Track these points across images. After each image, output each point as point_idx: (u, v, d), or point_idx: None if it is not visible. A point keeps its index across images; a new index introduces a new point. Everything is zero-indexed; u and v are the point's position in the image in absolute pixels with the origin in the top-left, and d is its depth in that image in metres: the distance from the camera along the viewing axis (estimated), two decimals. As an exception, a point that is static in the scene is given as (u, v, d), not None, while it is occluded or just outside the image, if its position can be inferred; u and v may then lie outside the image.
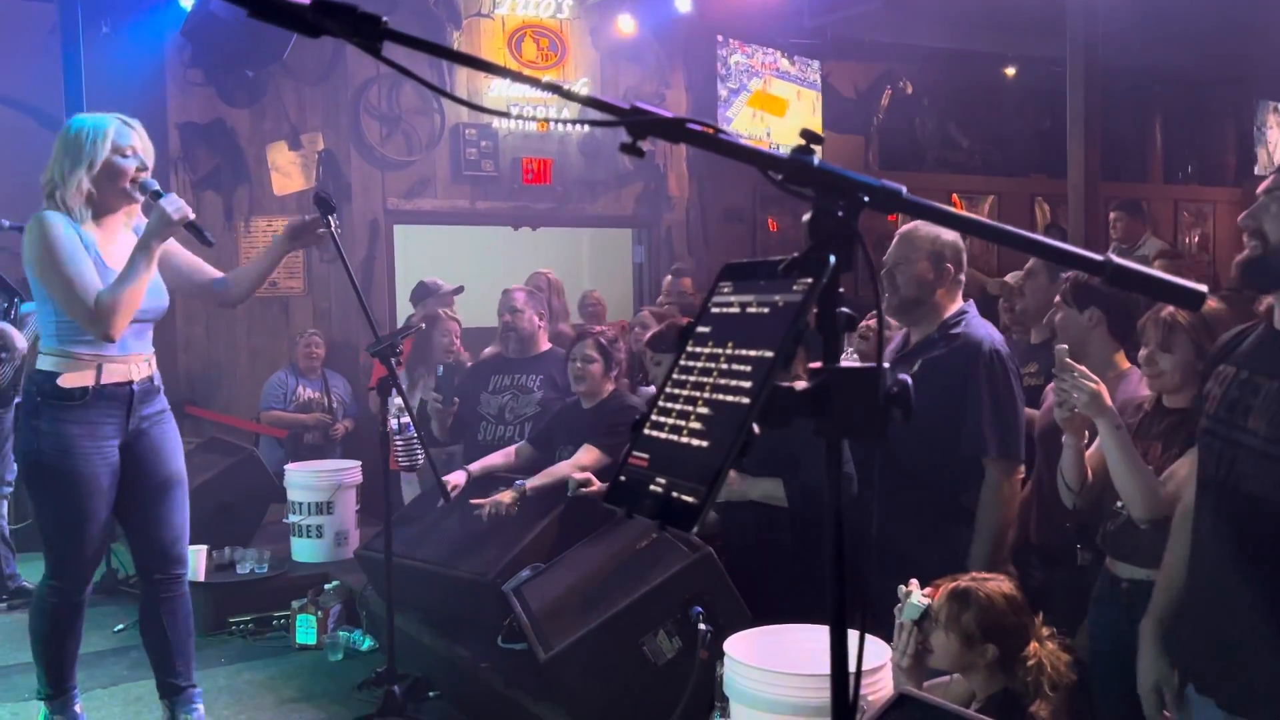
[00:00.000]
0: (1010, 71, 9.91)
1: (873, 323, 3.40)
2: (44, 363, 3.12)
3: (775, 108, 8.41)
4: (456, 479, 4.16)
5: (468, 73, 7.26)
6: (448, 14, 7.19)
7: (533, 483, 4.03)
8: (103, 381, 3.10)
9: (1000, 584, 2.39)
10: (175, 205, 3.07)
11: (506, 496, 3.99)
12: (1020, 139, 10.47)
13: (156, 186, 3.14)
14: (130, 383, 3.16)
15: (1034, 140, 10.27)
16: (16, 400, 5.05)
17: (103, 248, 3.12)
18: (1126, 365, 3.10)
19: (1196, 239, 11.09)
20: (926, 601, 2.37)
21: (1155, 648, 2.22)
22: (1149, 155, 11.45)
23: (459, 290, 6.26)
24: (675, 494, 1.05)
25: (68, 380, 3.07)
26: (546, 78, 7.99)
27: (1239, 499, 1.87)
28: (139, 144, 3.16)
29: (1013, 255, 6.11)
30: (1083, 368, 2.51)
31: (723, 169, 7.69)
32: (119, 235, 3.20)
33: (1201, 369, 2.19)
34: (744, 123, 8.23)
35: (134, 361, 3.18)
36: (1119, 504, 2.60)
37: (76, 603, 3.23)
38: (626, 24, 7.69)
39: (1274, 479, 1.81)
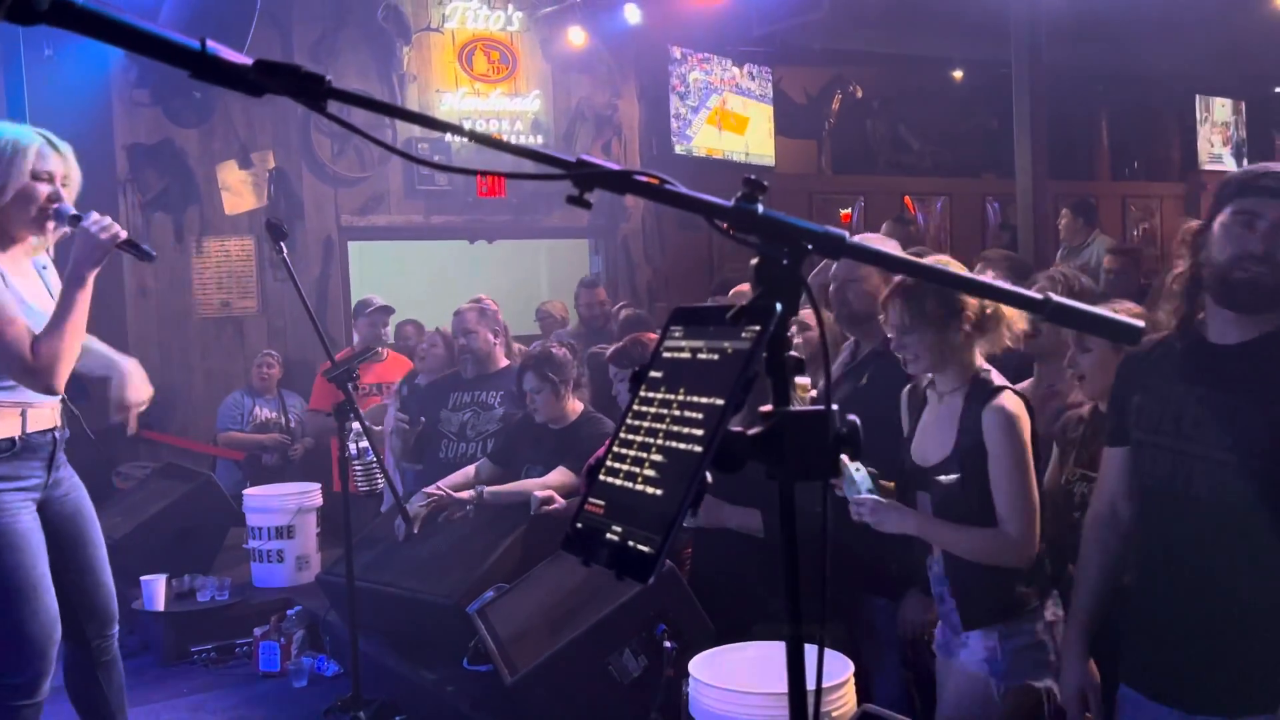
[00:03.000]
0: (958, 74, 10.04)
1: None
2: None
3: (736, 125, 8.45)
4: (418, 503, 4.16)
5: (418, 89, 7.23)
6: (397, 29, 7.15)
7: (492, 489, 4.05)
8: (28, 430, 2.72)
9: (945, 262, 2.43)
10: (100, 225, 2.67)
11: (465, 494, 4.06)
12: (970, 140, 10.61)
13: (74, 211, 2.74)
14: (53, 429, 2.81)
15: (983, 141, 10.42)
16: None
17: (12, 279, 2.72)
18: None
19: (1143, 233, 11.30)
20: (870, 471, 2.43)
21: (1080, 651, 2.21)
22: (1096, 153, 11.65)
23: (389, 310, 6.27)
24: (631, 543, 1.06)
25: None
26: (497, 90, 7.89)
27: (1189, 503, 1.95)
28: (61, 168, 2.76)
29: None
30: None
31: (677, 178, 7.72)
32: (24, 265, 2.81)
33: (1114, 386, 2.19)
34: (710, 138, 8.25)
35: (54, 408, 2.81)
36: (1076, 514, 2.64)
37: (37, 704, 2.76)
38: (577, 36, 7.69)
39: (1226, 483, 1.89)
